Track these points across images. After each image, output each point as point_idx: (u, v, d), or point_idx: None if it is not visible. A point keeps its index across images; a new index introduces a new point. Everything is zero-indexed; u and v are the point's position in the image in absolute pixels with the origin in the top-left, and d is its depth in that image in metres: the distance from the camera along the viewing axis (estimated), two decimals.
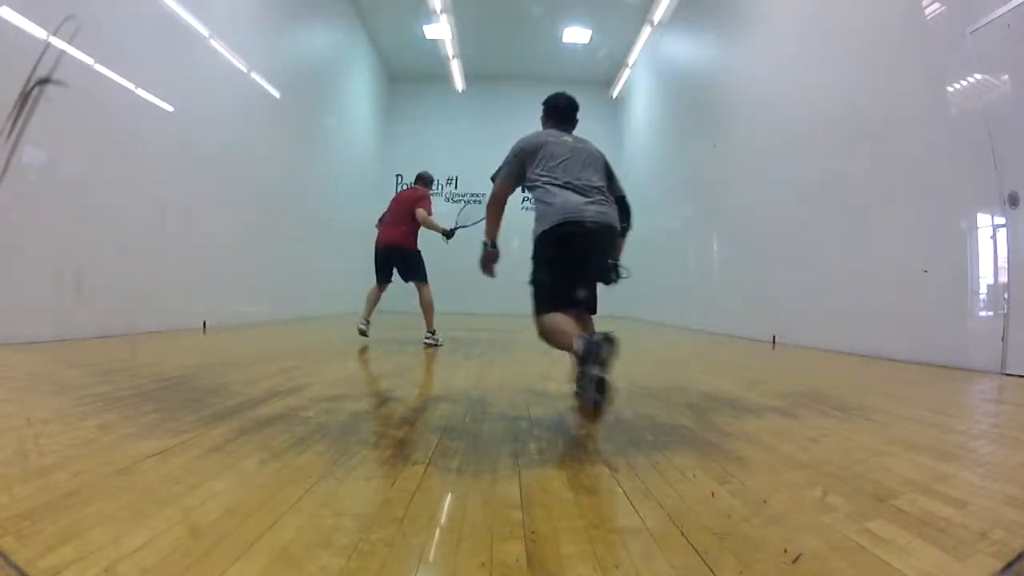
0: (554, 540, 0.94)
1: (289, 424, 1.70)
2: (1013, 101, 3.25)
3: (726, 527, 1.00)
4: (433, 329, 4.56)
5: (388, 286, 4.72)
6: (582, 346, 1.72)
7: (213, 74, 5.58)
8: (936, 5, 3.75)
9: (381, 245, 4.66)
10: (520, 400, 2.31)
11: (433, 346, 4.42)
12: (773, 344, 5.36)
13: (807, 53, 5.15)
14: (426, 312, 4.58)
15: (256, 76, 6.41)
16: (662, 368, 3.60)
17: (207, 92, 5.42)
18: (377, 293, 4.74)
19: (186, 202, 5.13)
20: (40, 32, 3.40)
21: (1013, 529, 1.01)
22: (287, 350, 4.10)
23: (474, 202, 4.82)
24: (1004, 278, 3.36)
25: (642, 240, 11.98)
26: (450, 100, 12.10)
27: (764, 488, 1.22)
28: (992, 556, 0.90)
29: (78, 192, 3.91)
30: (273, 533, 0.92)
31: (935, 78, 3.73)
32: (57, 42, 3.53)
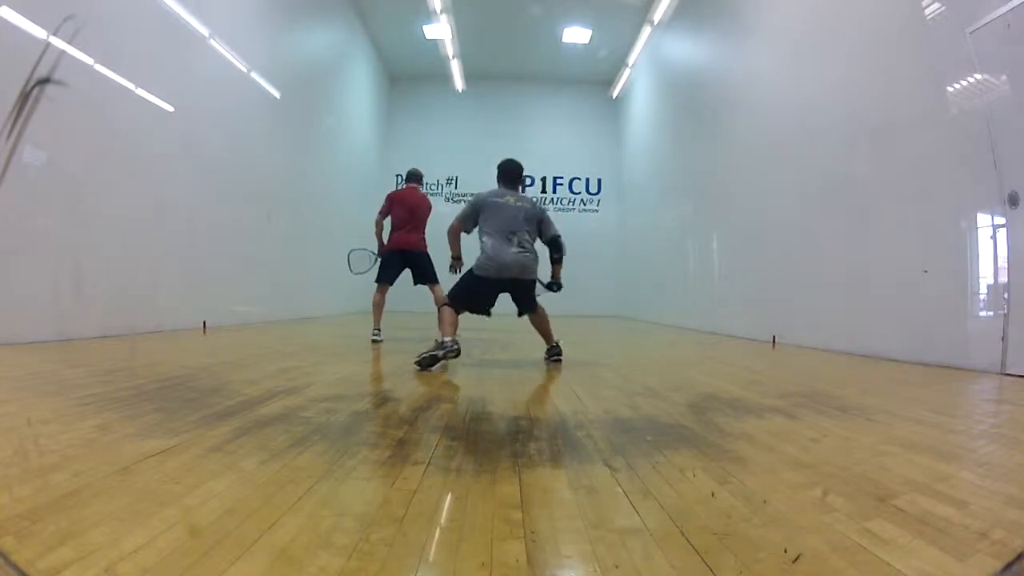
0: (554, 540, 0.94)
1: (289, 424, 1.69)
2: (1013, 101, 3.25)
3: (726, 527, 1.00)
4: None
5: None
6: (446, 343, 3.12)
7: (213, 74, 5.58)
8: (936, 5, 3.75)
9: (404, 247, 4.70)
10: (520, 400, 2.31)
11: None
12: (773, 344, 5.36)
13: (807, 53, 5.15)
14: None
15: (256, 76, 6.41)
16: (662, 368, 3.60)
17: (207, 92, 5.42)
18: (382, 297, 4.78)
19: (186, 202, 5.13)
20: (40, 32, 3.41)
21: (1013, 529, 1.01)
22: (287, 350, 4.10)
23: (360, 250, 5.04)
24: (1004, 278, 3.36)
25: (642, 240, 12.00)
26: (450, 100, 12.10)
27: (764, 488, 1.22)
28: (992, 556, 0.90)
29: (78, 192, 3.91)
30: (273, 533, 0.92)
31: (935, 78, 3.73)
32: (57, 42, 3.53)
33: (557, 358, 3.57)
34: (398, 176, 12.42)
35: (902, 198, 4.03)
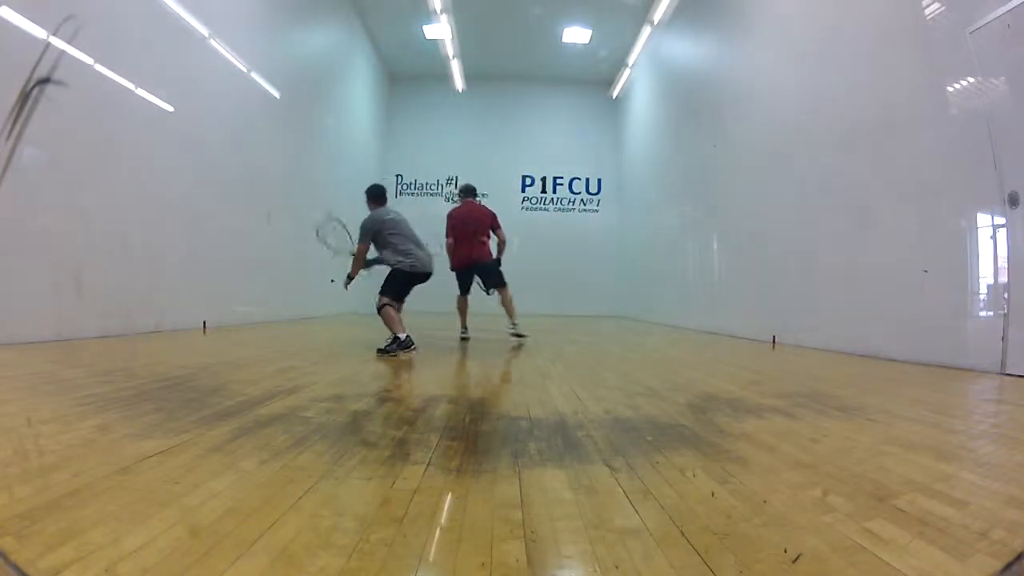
0: (554, 540, 0.94)
1: (289, 424, 1.70)
2: (1013, 101, 3.25)
3: (726, 527, 1.00)
4: (516, 322, 5.01)
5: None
6: (402, 337, 3.83)
7: (213, 74, 5.58)
8: (936, 5, 3.75)
9: (468, 264, 5.06)
10: (520, 400, 2.31)
11: (520, 337, 4.83)
12: (773, 344, 5.36)
13: (807, 53, 5.15)
14: (509, 309, 5.02)
15: (256, 76, 6.41)
16: (662, 368, 3.60)
17: (207, 92, 5.42)
18: (465, 301, 5.24)
19: (186, 202, 5.13)
20: (40, 32, 3.41)
21: (1013, 529, 1.01)
22: (287, 350, 4.10)
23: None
24: (1004, 278, 3.36)
25: (642, 240, 11.98)
26: (450, 100, 12.10)
27: (764, 488, 1.22)
28: (992, 556, 0.90)
29: (78, 192, 3.91)
30: (273, 533, 0.92)
31: (935, 78, 3.73)
32: (57, 42, 3.53)
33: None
34: (398, 176, 12.47)
35: (902, 198, 4.03)
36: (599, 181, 12.73)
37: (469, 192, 5.27)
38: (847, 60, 4.56)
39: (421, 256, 4.14)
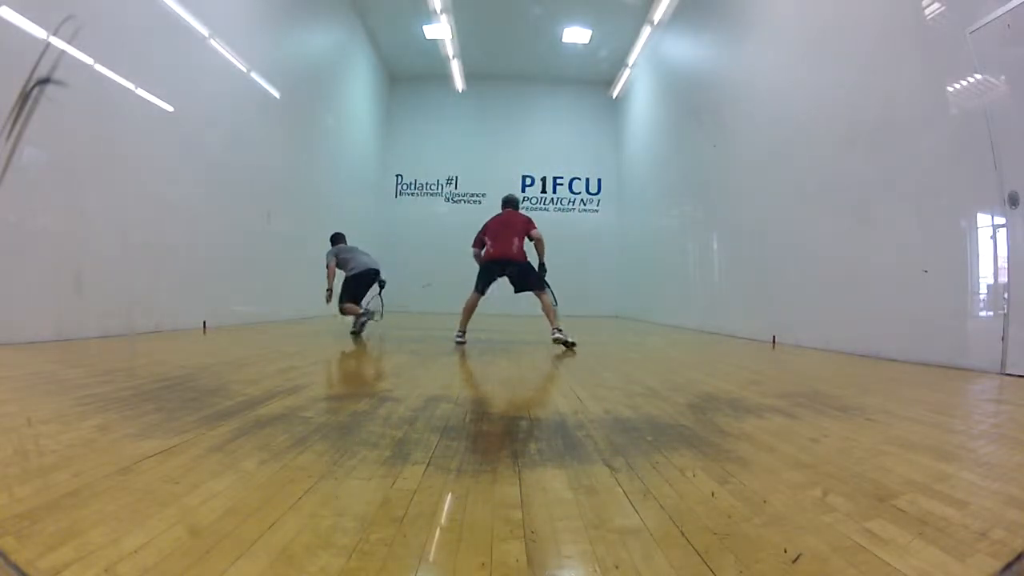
0: (554, 540, 0.94)
1: (289, 424, 1.70)
2: (1013, 101, 3.25)
3: (726, 527, 1.00)
4: (560, 327, 4.69)
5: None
6: (361, 320, 5.38)
7: (213, 74, 5.58)
8: (936, 5, 3.75)
9: (498, 256, 4.87)
10: (520, 400, 2.31)
11: (565, 343, 4.48)
12: (773, 344, 5.36)
13: (807, 53, 5.15)
14: (548, 313, 4.78)
15: (256, 76, 6.41)
16: (662, 367, 3.60)
17: (207, 92, 5.42)
18: (475, 302, 5.01)
19: (186, 202, 5.13)
20: (40, 32, 3.40)
21: (1013, 529, 1.01)
22: (287, 350, 4.10)
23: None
24: (1004, 278, 3.36)
25: (642, 240, 12.00)
26: (450, 100, 12.10)
27: (764, 488, 1.22)
28: (992, 556, 0.90)
29: (78, 192, 3.91)
30: (273, 533, 0.92)
31: (935, 78, 3.73)
32: (57, 42, 3.53)
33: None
34: (398, 176, 12.47)
35: (902, 198, 4.03)
36: (599, 181, 12.73)
37: (510, 203, 5.21)
38: (847, 60, 4.56)
39: (363, 261, 5.61)
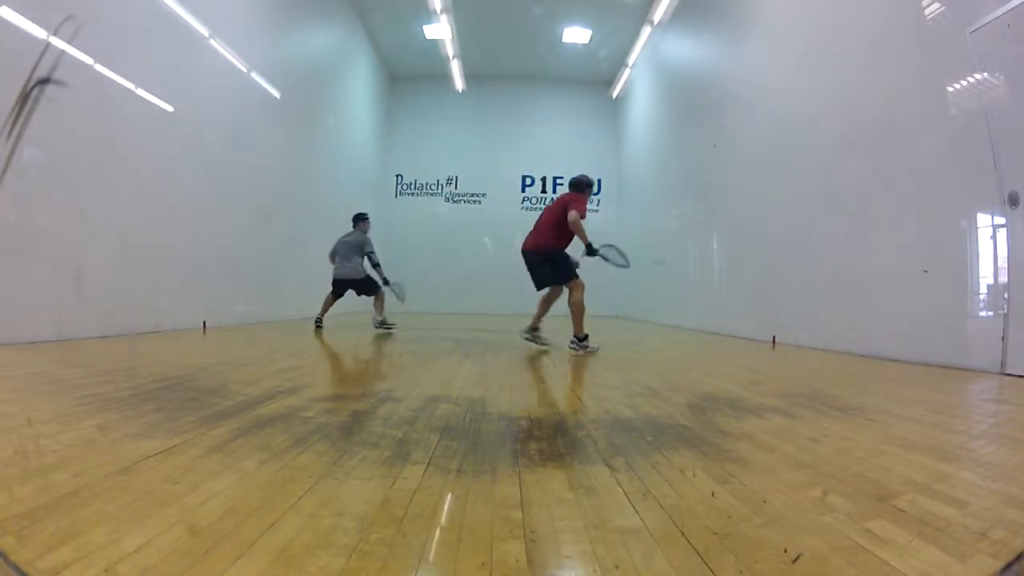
0: (554, 540, 0.94)
1: (289, 424, 1.70)
2: (1013, 101, 3.25)
3: (726, 527, 1.00)
4: (582, 335, 4.12)
5: (545, 289, 4.48)
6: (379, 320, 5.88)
7: (213, 74, 5.58)
8: (936, 5, 3.75)
9: (524, 249, 4.46)
10: (520, 400, 2.31)
11: (586, 350, 4.05)
12: (773, 344, 5.36)
13: (807, 53, 5.15)
14: (573, 315, 4.19)
15: (256, 76, 6.41)
16: (662, 368, 3.60)
17: (207, 92, 5.42)
18: (544, 297, 4.53)
19: (186, 202, 5.13)
20: (40, 32, 3.40)
21: (1013, 529, 1.01)
22: (287, 350, 4.10)
23: (607, 246, 4.67)
24: (1004, 278, 3.36)
25: (642, 240, 12.02)
26: (450, 100, 12.09)
27: (764, 488, 1.22)
28: (992, 556, 0.90)
29: (78, 192, 3.91)
30: (273, 533, 0.92)
31: (935, 78, 3.72)
32: (57, 42, 3.53)
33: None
34: (398, 176, 12.47)
35: (902, 198, 4.03)
36: (599, 181, 12.70)
37: (572, 184, 4.57)
38: (847, 60, 4.56)
39: (340, 265, 6.08)
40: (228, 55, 5.75)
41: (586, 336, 4.12)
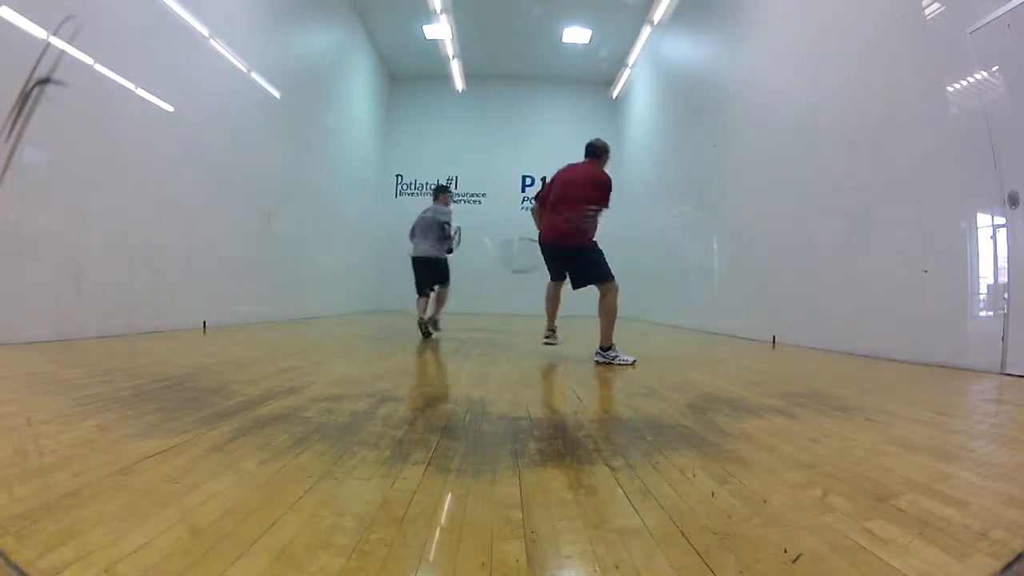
0: (554, 540, 0.94)
1: (289, 424, 1.70)
2: (1013, 101, 3.25)
3: (726, 527, 1.00)
4: (610, 343, 3.54)
5: (563, 283, 3.91)
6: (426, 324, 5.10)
7: (213, 74, 5.58)
8: (936, 5, 3.75)
9: (547, 238, 3.82)
10: (520, 400, 2.31)
11: (612, 359, 3.49)
12: (773, 344, 5.36)
13: (807, 53, 5.15)
14: (602, 320, 3.64)
15: (256, 76, 6.40)
16: (662, 368, 3.60)
17: (207, 92, 5.41)
18: (555, 291, 3.96)
19: (186, 202, 5.13)
20: (40, 32, 3.40)
21: (1013, 529, 1.01)
22: (287, 350, 4.10)
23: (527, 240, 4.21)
24: (1004, 278, 3.36)
25: (642, 240, 11.99)
26: (450, 100, 12.09)
27: (764, 488, 1.22)
28: (992, 556, 0.90)
29: (78, 192, 3.91)
30: (273, 533, 0.92)
31: (935, 78, 3.72)
32: (57, 42, 3.53)
33: None
34: (398, 176, 12.46)
35: (902, 198, 4.03)
36: None
37: (589, 150, 3.95)
38: (847, 60, 4.56)
39: (416, 244, 5.39)
40: (228, 55, 5.75)
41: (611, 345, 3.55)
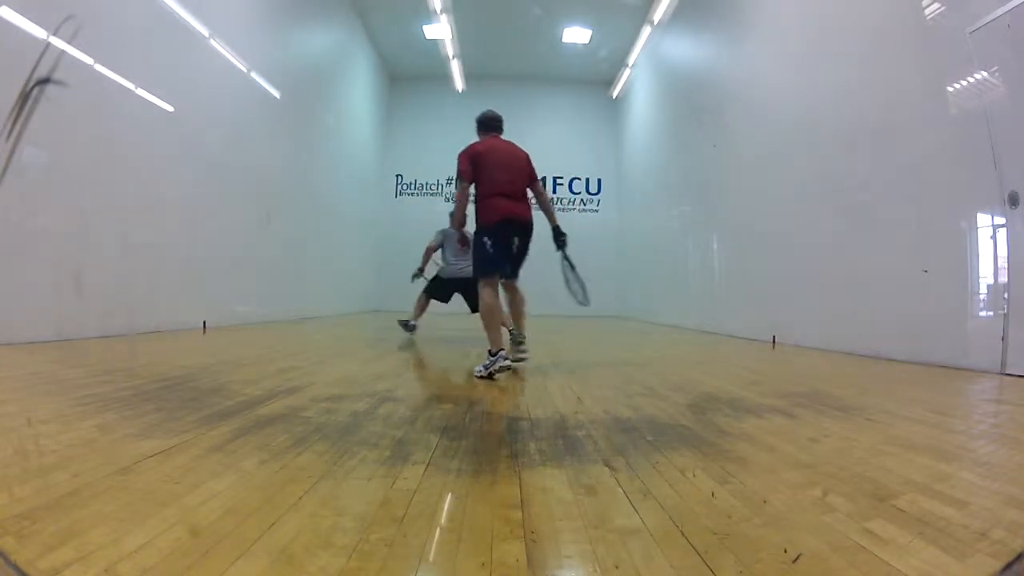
0: (554, 540, 0.95)
1: (289, 424, 1.70)
2: (1013, 101, 3.25)
3: (726, 527, 1.00)
4: (522, 336, 3.23)
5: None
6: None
7: (213, 74, 5.57)
8: (936, 5, 3.75)
9: (512, 214, 3.09)
10: (520, 400, 2.31)
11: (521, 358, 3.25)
12: (773, 344, 5.36)
13: (807, 53, 5.15)
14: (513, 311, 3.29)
15: (256, 76, 6.40)
16: (662, 368, 3.60)
17: (207, 92, 5.41)
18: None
19: (186, 202, 5.13)
20: (40, 32, 3.40)
21: (1013, 529, 1.01)
22: (287, 350, 4.10)
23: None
24: (1004, 278, 3.36)
25: (642, 240, 11.98)
26: (450, 100, 12.09)
27: (764, 488, 1.22)
28: (992, 556, 0.90)
29: (78, 192, 3.90)
30: (273, 533, 0.92)
31: (935, 78, 3.72)
32: (57, 42, 3.53)
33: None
34: (398, 176, 12.46)
35: (902, 198, 4.03)
36: (599, 181, 12.72)
37: (493, 125, 3.39)
38: (847, 60, 4.56)
39: (452, 262, 5.39)
40: (228, 55, 5.75)
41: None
